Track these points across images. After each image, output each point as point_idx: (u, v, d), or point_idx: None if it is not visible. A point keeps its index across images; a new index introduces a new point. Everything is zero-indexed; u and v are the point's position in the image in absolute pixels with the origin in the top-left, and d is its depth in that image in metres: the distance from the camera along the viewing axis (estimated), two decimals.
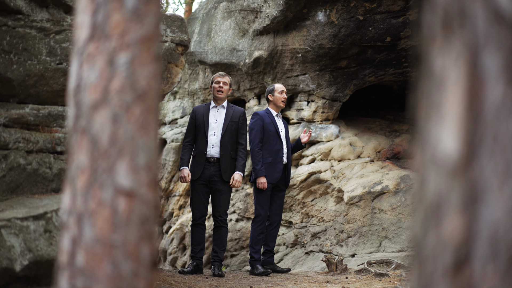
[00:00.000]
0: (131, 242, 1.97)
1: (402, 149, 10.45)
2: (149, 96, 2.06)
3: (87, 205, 2.00)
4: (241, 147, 8.02)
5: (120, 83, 2.04)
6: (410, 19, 9.34)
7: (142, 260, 1.99)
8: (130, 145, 2.01)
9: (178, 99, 12.84)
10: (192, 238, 8.01)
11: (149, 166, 2.03)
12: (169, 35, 6.29)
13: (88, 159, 2.02)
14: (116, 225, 1.97)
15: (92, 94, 2.05)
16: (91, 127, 2.04)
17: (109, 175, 2.00)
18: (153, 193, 2.04)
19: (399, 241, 8.93)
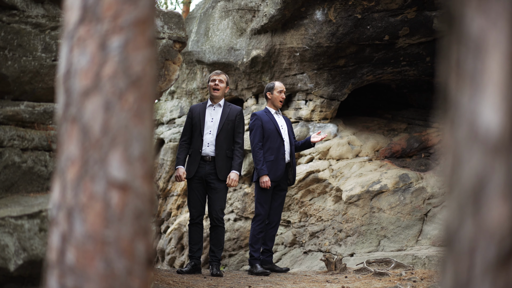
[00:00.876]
0: (124, 238, 1.82)
1: (400, 147, 10.31)
2: (143, 82, 1.90)
3: (77, 199, 1.84)
4: (238, 146, 7.87)
5: (113, 68, 1.88)
6: (408, 18, 9.20)
7: (137, 258, 1.83)
8: (124, 134, 1.85)
9: (176, 99, 12.68)
10: (189, 238, 7.87)
11: (144, 157, 1.87)
12: (166, 32, 6.14)
13: (79, 149, 1.87)
14: (108, 220, 1.82)
15: (83, 80, 1.90)
16: (82, 116, 1.88)
17: (101, 167, 1.84)
18: (148, 186, 1.89)
19: (398, 240, 8.78)
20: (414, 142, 10.38)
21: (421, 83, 10.65)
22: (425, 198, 8.99)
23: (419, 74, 10.24)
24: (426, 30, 9.34)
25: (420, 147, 10.35)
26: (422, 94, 11.00)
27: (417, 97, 11.11)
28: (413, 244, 8.68)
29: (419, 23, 9.26)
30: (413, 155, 10.33)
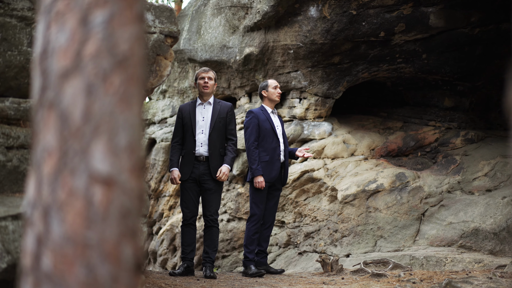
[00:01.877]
0: (109, 240, 1.57)
1: (396, 146, 10.09)
2: (131, 62, 1.66)
3: (55, 196, 1.60)
4: (231, 142, 7.65)
5: (96, 46, 1.63)
6: (404, 14, 8.98)
7: (123, 262, 1.58)
8: (108, 121, 1.61)
9: (168, 98, 12.43)
10: (182, 239, 7.64)
11: (132, 148, 1.63)
12: (157, 26, 5.89)
13: (57, 139, 1.62)
14: (90, 219, 1.57)
15: (62, 61, 1.65)
16: (60, 101, 1.63)
17: (82, 159, 1.60)
18: (137, 181, 1.64)
19: (395, 240, 8.56)
20: (410, 141, 10.16)
21: (417, 80, 10.43)
22: (422, 197, 8.77)
23: (415, 71, 10.02)
24: (422, 26, 9.13)
25: (416, 145, 10.13)
26: (418, 91, 10.79)
27: (413, 94, 10.89)
28: (411, 244, 8.46)
29: (415, 19, 9.05)
30: (409, 154, 10.12)
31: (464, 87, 10.38)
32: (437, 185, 8.96)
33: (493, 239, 7.91)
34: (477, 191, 8.78)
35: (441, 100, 10.61)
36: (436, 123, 10.45)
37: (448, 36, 9.35)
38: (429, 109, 10.71)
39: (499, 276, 6.46)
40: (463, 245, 8.08)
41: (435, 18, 9.05)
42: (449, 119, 10.44)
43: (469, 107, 10.60)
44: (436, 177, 9.15)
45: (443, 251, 8.10)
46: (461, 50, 9.65)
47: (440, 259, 7.81)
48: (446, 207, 8.63)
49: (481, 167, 9.13)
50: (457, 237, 8.18)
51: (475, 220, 8.17)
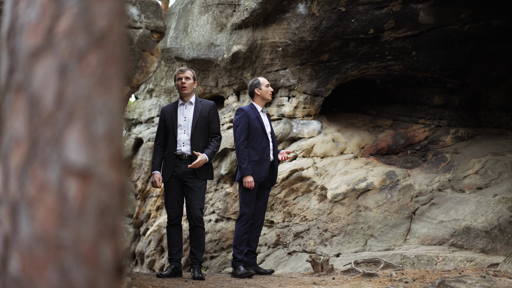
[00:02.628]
0: (85, 240, 1.38)
1: (386, 144, 9.93)
2: (109, 41, 1.46)
3: (24, 191, 1.40)
4: (215, 138, 7.47)
5: (70, 22, 1.44)
6: (393, 10, 8.83)
7: (102, 265, 1.39)
8: (84, 107, 1.41)
9: (155, 97, 12.21)
10: (168, 240, 7.45)
11: (111, 136, 1.43)
12: (143, 21, 5.69)
13: (26, 127, 1.42)
14: (64, 217, 1.38)
15: (32, 39, 1.46)
16: (29, 83, 1.44)
17: (54, 149, 1.40)
18: (117, 173, 1.45)
19: (385, 239, 8.40)
20: (400, 139, 10.01)
21: (406, 78, 10.28)
22: (413, 195, 8.62)
23: (404, 69, 9.87)
24: (411, 23, 8.98)
25: (406, 143, 9.99)
26: (408, 89, 10.64)
27: (403, 92, 10.74)
28: (401, 243, 8.30)
29: (405, 16, 8.89)
30: (399, 152, 9.97)
31: (453, 84, 10.24)
32: (428, 183, 8.81)
33: (485, 237, 7.77)
34: (468, 189, 8.64)
35: (431, 98, 10.47)
36: (426, 121, 10.31)
37: (438, 33, 9.20)
38: (419, 106, 10.56)
39: (492, 275, 6.31)
40: (455, 243, 7.94)
41: (425, 14, 8.90)
42: (439, 116, 10.29)
43: (459, 104, 10.46)
44: (426, 175, 9.00)
45: (434, 250, 7.94)
46: (451, 47, 9.51)
47: (432, 258, 7.66)
48: (437, 206, 8.48)
49: (471, 165, 8.99)
50: (448, 235, 8.03)
51: (466, 219, 8.03)
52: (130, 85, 5.48)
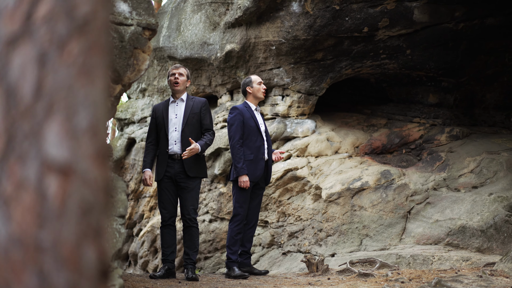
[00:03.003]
0: (67, 242, 1.27)
1: (380, 143, 9.84)
2: (93, 27, 1.36)
3: (0, 188, 1.29)
4: (209, 132, 7.36)
5: (50, 7, 1.33)
6: (388, 8, 8.74)
7: (84, 269, 1.28)
8: (65, 98, 1.31)
9: (147, 97, 12.09)
10: (162, 241, 7.34)
11: (94, 130, 1.33)
12: (135, 18, 5.57)
13: (2, 119, 1.32)
14: (43, 217, 1.27)
15: (8, 25, 1.35)
16: (6, 73, 1.33)
17: (33, 143, 1.30)
18: (100, 169, 1.34)
19: (380, 239, 8.31)
20: (394, 138, 9.92)
21: (401, 76, 10.19)
22: (408, 195, 8.53)
23: (399, 67, 9.78)
24: (406, 21, 8.89)
25: (401, 142, 9.90)
26: (402, 88, 10.55)
27: (397, 91, 10.65)
28: (397, 242, 8.21)
29: (399, 14, 8.80)
30: (393, 151, 9.88)
31: (448, 83, 10.15)
32: (423, 182, 8.72)
33: (480, 236, 7.69)
34: (463, 188, 8.56)
35: (426, 97, 10.38)
36: (420, 119, 10.22)
37: (432, 31, 9.12)
38: (413, 105, 10.47)
39: (489, 275, 6.23)
40: (450, 243, 7.85)
41: (419, 13, 8.81)
42: (433, 115, 10.21)
43: (454, 103, 10.38)
44: (421, 174, 8.91)
45: (430, 249, 7.86)
46: (446, 45, 9.42)
47: (427, 258, 7.57)
48: (432, 205, 8.39)
49: (466, 163, 8.91)
50: (444, 235, 7.94)
51: (462, 218, 7.94)
52: (122, 83, 5.36)
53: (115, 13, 5.48)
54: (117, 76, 5.38)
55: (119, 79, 5.41)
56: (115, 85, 5.39)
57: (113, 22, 5.42)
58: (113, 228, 4.67)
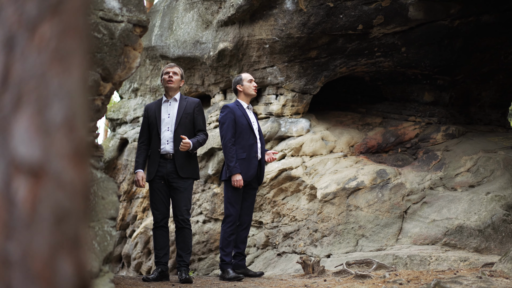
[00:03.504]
0: (38, 254, 1.09)
1: (376, 142, 9.67)
2: (68, 8, 1.18)
3: None
4: (202, 132, 7.20)
5: None
6: (382, 6, 8.57)
7: (59, 284, 1.10)
8: (37, 88, 1.13)
9: (140, 97, 11.89)
10: (155, 242, 7.16)
11: (70, 125, 1.15)
12: (125, 15, 5.39)
13: None
14: (11, 226, 1.09)
15: None
16: None
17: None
18: (78, 170, 1.16)
19: (377, 239, 8.14)
20: (390, 137, 9.75)
21: (396, 74, 10.02)
22: (404, 194, 8.36)
23: (394, 66, 9.61)
24: (401, 18, 8.72)
25: (397, 141, 9.73)
26: (397, 86, 10.38)
27: (392, 89, 10.49)
28: (393, 243, 8.04)
29: (394, 11, 8.63)
30: (389, 150, 9.71)
31: (444, 81, 9.99)
32: (419, 181, 8.55)
33: (478, 236, 7.53)
34: (460, 187, 8.40)
35: (421, 95, 10.22)
36: (416, 118, 10.05)
37: (427, 29, 8.95)
38: (409, 104, 10.31)
39: (488, 275, 6.08)
40: (447, 243, 7.69)
41: (414, 10, 8.64)
42: (429, 114, 10.04)
43: (449, 101, 10.22)
44: (417, 173, 8.75)
45: (427, 250, 7.69)
46: (441, 43, 9.26)
47: (425, 258, 7.41)
48: (428, 204, 8.23)
49: (463, 162, 8.74)
50: (441, 234, 7.78)
51: (459, 217, 7.78)
52: (112, 81, 5.17)
53: (105, 9, 5.30)
54: (107, 74, 5.19)
55: (109, 77, 5.22)
56: (106, 84, 5.20)
57: (103, 18, 5.24)
58: (104, 230, 4.49)
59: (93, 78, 5.07)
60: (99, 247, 4.41)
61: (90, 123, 5.14)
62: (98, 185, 4.71)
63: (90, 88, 5.10)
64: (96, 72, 5.08)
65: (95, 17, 5.20)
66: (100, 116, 5.42)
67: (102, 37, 5.19)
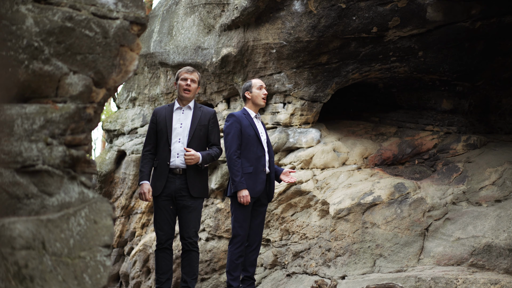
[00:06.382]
0: None
1: (391, 154, 8.89)
2: None
3: None
4: (215, 146, 6.40)
5: None
6: (398, 6, 7.81)
7: None
8: None
9: (138, 106, 11.10)
10: (157, 266, 6.34)
11: None
12: (120, 11, 4.61)
13: None
14: None
15: None
16: None
17: None
18: None
19: (396, 259, 7.34)
20: (406, 147, 8.96)
21: (412, 81, 9.23)
22: (425, 210, 7.57)
23: (410, 71, 8.83)
24: (418, 20, 7.95)
25: (413, 152, 8.94)
26: (413, 93, 9.59)
27: (407, 97, 9.70)
28: (415, 263, 7.25)
29: (411, 12, 7.86)
30: (405, 162, 8.91)
31: (463, 87, 9.20)
32: (440, 196, 7.76)
33: (509, 256, 6.74)
34: (485, 201, 7.61)
35: (439, 102, 9.42)
36: (433, 127, 9.26)
37: (446, 31, 8.17)
38: (426, 112, 9.52)
39: None
40: (475, 263, 6.90)
41: (433, 10, 7.87)
42: (448, 122, 9.25)
43: (468, 109, 9.43)
44: (438, 187, 7.95)
45: (452, 271, 6.90)
46: (461, 46, 8.48)
47: (450, 281, 6.62)
48: (452, 221, 7.44)
49: (487, 175, 7.95)
50: (467, 254, 6.99)
51: (487, 235, 6.99)
52: (106, 86, 4.38)
53: (97, 4, 4.51)
54: (100, 78, 4.40)
55: (103, 82, 4.43)
56: (98, 89, 4.40)
57: (95, 14, 4.45)
58: (96, 260, 3.71)
59: (84, 82, 4.28)
60: (90, 281, 3.63)
61: (80, 135, 4.31)
62: (90, 206, 3.92)
63: (80, 94, 4.28)
64: (87, 76, 4.29)
65: (86, 13, 4.41)
66: (92, 126, 4.63)
67: (94, 36, 4.40)
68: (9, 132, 3.72)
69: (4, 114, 3.73)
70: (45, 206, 3.73)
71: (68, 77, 4.17)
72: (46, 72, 3.97)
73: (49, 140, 3.90)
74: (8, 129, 3.75)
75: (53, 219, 3.69)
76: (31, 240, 3.46)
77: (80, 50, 4.26)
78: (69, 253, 3.67)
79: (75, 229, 3.77)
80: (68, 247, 3.68)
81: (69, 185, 3.96)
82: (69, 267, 3.60)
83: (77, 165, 4.14)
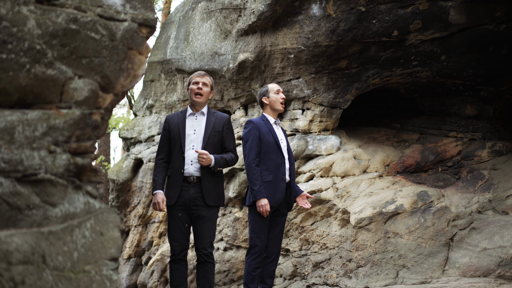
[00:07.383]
0: None
1: (414, 161, 8.57)
2: None
3: None
4: (230, 152, 6.14)
5: None
6: (420, 9, 7.51)
7: None
8: None
9: (155, 114, 10.89)
10: (171, 278, 6.08)
11: None
12: (129, 12, 4.38)
13: None
14: None
15: None
16: None
17: None
18: None
19: (420, 270, 7.02)
20: (429, 154, 8.63)
21: (434, 86, 8.91)
22: (450, 219, 7.24)
23: (432, 76, 8.51)
24: (441, 23, 7.65)
25: (437, 159, 8.61)
26: (435, 99, 9.27)
27: (430, 102, 9.37)
28: (439, 275, 6.92)
29: (433, 15, 7.57)
30: (428, 169, 8.59)
31: (488, 92, 8.86)
32: (465, 204, 7.43)
33: None
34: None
35: (463, 108, 9.09)
36: (457, 133, 8.92)
37: (470, 34, 7.86)
38: (449, 118, 9.18)
39: None
40: (502, 275, 6.56)
41: (456, 13, 7.57)
42: (472, 129, 8.91)
43: (493, 115, 9.08)
44: (462, 195, 7.62)
45: (479, 283, 6.57)
46: (485, 50, 8.16)
47: None
48: (477, 230, 7.11)
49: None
50: (494, 265, 6.65)
51: None
52: (114, 91, 4.14)
53: (104, 6, 4.27)
54: (107, 83, 4.15)
55: (110, 86, 4.18)
56: (105, 94, 4.16)
57: (102, 16, 4.21)
58: (102, 275, 3.46)
59: (90, 87, 4.05)
60: None
61: (86, 142, 4.06)
62: (96, 217, 3.68)
63: (86, 99, 4.03)
64: (93, 81, 4.04)
65: (92, 15, 4.17)
66: (99, 133, 4.40)
67: (100, 39, 4.16)
68: (9, 140, 3.49)
69: (5, 120, 3.50)
70: (48, 217, 3.50)
71: (73, 81, 3.92)
72: (50, 77, 3.74)
73: (52, 147, 3.66)
74: (9, 136, 3.51)
75: (55, 231, 3.45)
76: (29, 254, 3.23)
77: (86, 54, 4.01)
78: (73, 267, 3.43)
79: (80, 242, 3.52)
80: (72, 260, 3.43)
81: (74, 195, 3.72)
82: (72, 282, 3.36)
83: (83, 174, 3.89)
